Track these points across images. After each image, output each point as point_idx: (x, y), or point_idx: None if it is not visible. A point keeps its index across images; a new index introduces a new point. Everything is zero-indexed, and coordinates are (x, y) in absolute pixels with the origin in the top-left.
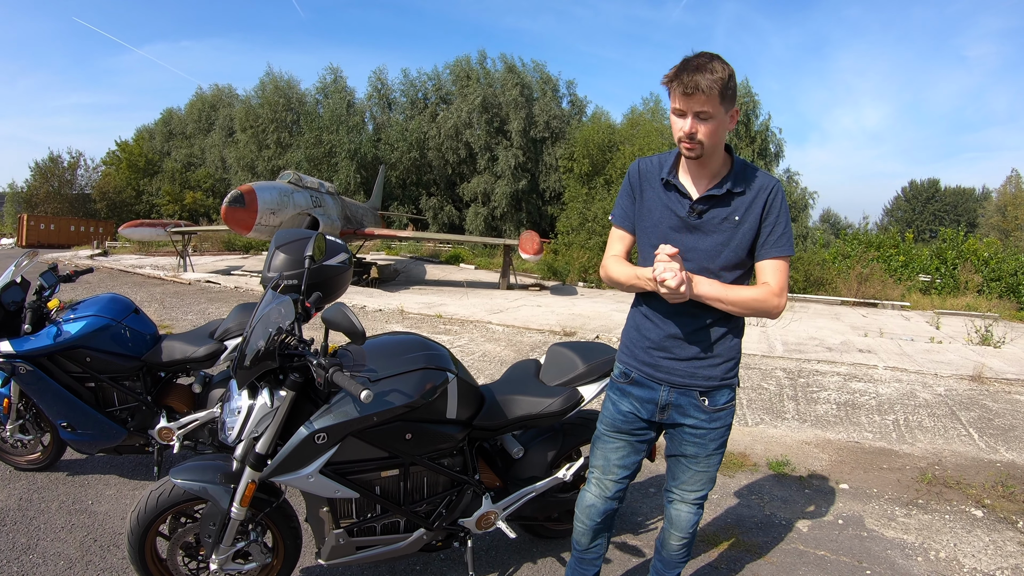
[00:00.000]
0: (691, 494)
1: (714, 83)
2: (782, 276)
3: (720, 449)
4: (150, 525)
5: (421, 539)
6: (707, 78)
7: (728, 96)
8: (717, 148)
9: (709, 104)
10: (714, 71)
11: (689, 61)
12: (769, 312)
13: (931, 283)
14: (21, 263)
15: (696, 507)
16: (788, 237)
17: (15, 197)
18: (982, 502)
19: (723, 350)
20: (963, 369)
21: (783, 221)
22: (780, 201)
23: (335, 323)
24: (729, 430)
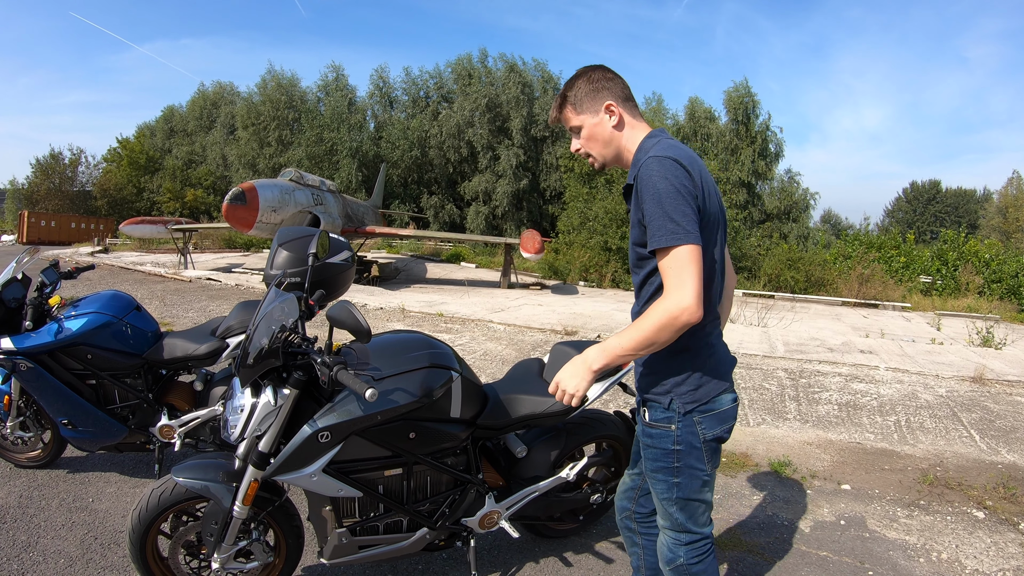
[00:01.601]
0: (659, 518)
1: (557, 104)
2: (668, 272)
3: (658, 473)
4: (151, 523)
5: (424, 538)
6: (554, 105)
7: (576, 102)
8: (611, 148)
9: (571, 119)
10: (562, 90)
11: None
12: (677, 320)
13: (932, 284)
14: (22, 260)
15: (666, 536)
16: (662, 221)
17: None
18: (984, 504)
19: (653, 361)
20: (964, 370)
21: (648, 205)
22: (642, 179)
23: (340, 321)
24: (672, 459)
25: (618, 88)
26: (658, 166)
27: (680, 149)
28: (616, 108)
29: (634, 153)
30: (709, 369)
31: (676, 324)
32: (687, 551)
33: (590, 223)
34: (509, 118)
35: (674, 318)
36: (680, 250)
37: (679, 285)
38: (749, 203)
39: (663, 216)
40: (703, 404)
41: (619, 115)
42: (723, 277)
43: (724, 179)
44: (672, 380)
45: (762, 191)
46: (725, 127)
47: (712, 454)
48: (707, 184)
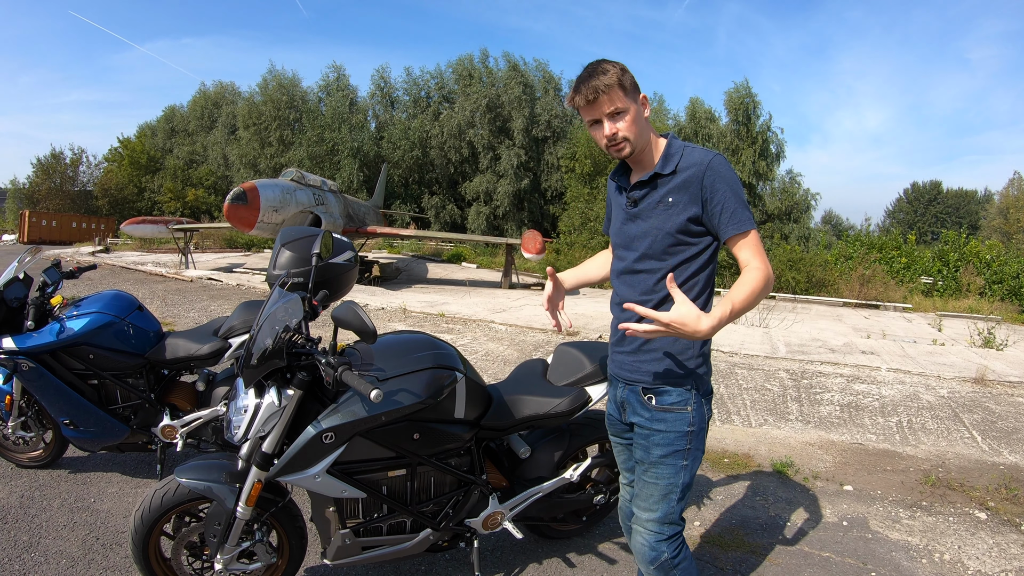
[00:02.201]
0: (643, 513)
1: (611, 80)
2: (755, 250)
3: (668, 459)
4: (154, 524)
5: (427, 539)
6: (602, 79)
7: (629, 86)
8: (644, 138)
9: (616, 101)
10: (606, 71)
11: (581, 75)
12: (769, 286)
13: (933, 285)
14: (24, 259)
15: (649, 533)
16: (740, 212)
17: (17, 193)
18: (986, 504)
19: (666, 343)
20: (966, 371)
21: (730, 197)
22: (718, 176)
23: (345, 322)
24: (685, 441)
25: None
26: (727, 163)
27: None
28: (647, 101)
29: (667, 147)
30: (711, 355)
31: (769, 287)
32: (669, 545)
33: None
34: (510, 118)
35: (770, 284)
36: (756, 233)
37: (765, 259)
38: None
39: (743, 205)
40: (708, 387)
41: (646, 106)
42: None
43: None
44: (693, 363)
45: (763, 192)
46: (726, 128)
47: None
48: None
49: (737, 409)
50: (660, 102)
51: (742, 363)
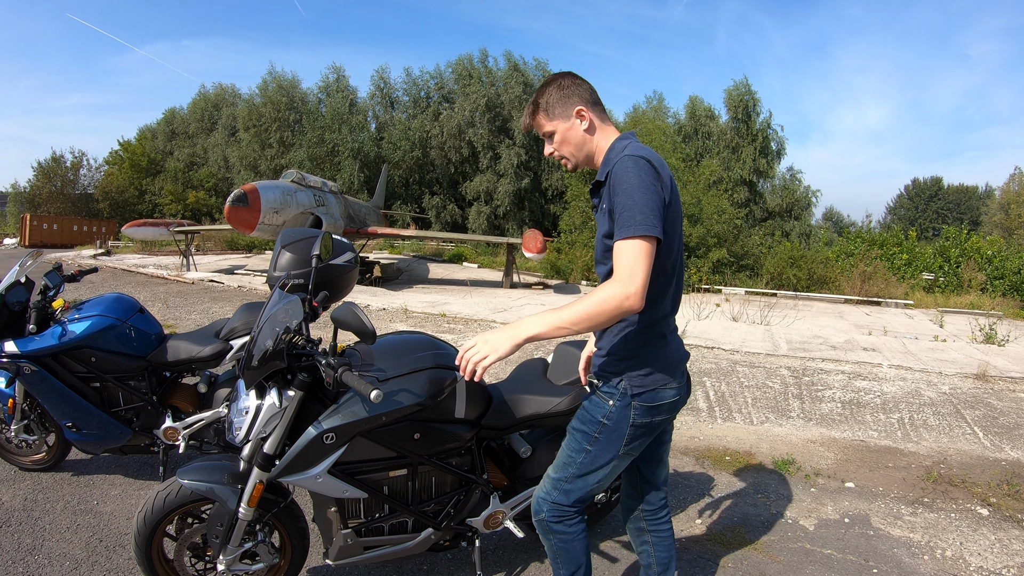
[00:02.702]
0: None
1: (530, 111)
2: (625, 259)
3: (577, 433)
4: (157, 526)
5: (429, 539)
6: (527, 112)
7: (549, 108)
8: (585, 150)
9: (545, 125)
10: (535, 99)
11: None
12: (619, 307)
13: (934, 281)
14: (26, 263)
15: (542, 488)
16: (628, 215)
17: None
18: (988, 500)
19: (613, 345)
20: (967, 367)
21: (620, 198)
22: (616, 175)
23: (345, 323)
24: (595, 428)
25: (587, 93)
26: (632, 164)
27: (651, 151)
28: (586, 113)
29: (606, 153)
30: (659, 361)
31: (619, 309)
32: (550, 510)
33: (592, 222)
34: (510, 118)
35: (619, 302)
36: (640, 241)
37: (631, 273)
38: (751, 201)
39: (632, 208)
40: (647, 392)
41: (589, 119)
42: (682, 273)
43: (726, 178)
44: (626, 363)
45: (763, 189)
46: (726, 125)
47: (636, 439)
48: (673, 185)
49: (739, 407)
50: (660, 100)
51: (743, 361)
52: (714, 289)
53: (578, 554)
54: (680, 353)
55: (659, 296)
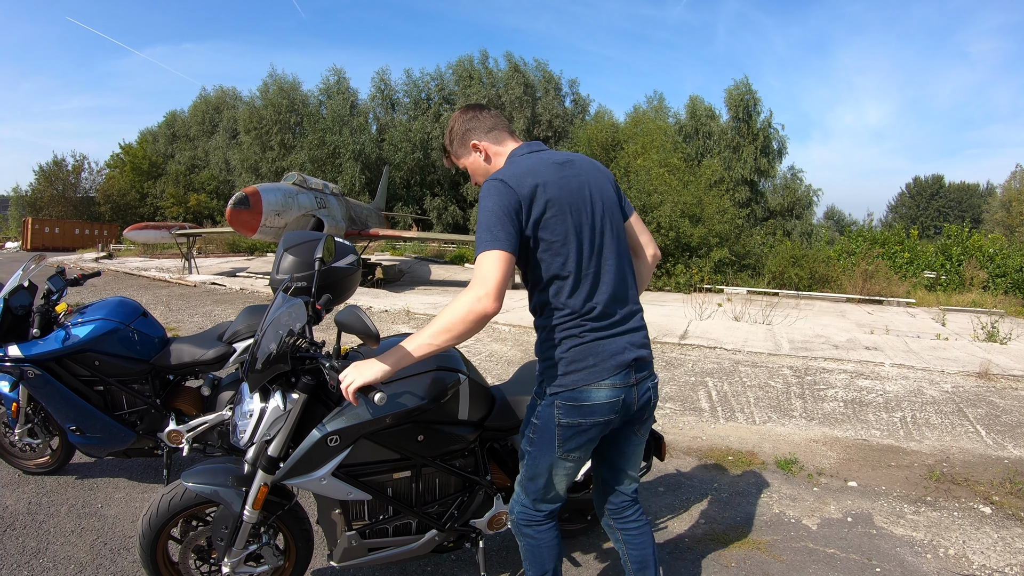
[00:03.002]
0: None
1: (444, 153)
2: (475, 271)
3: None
4: (162, 529)
5: (433, 540)
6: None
7: (453, 150)
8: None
9: (455, 164)
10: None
11: None
12: (472, 309)
13: (936, 280)
14: (29, 267)
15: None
16: (479, 233)
17: (19, 201)
18: (990, 499)
19: (538, 347)
20: (969, 366)
21: (480, 214)
22: (480, 197)
23: (348, 326)
24: (530, 428)
25: (482, 124)
26: (485, 189)
27: (516, 167)
28: (480, 144)
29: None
30: (578, 360)
31: (472, 315)
32: (519, 512)
33: None
34: (512, 119)
35: (470, 309)
36: (489, 254)
37: (481, 282)
38: (752, 201)
39: (480, 228)
40: (566, 391)
41: (483, 150)
42: (604, 268)
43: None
44: (544, 364)
45: (765, 188)
46: (727, 125)
47: (569, 439)
48: (549, 193)
49: (741, 406)
50: (660, 100)
51: (745, 360)
52: (716, 289)
53: (544, 560)
54: (613, 350)
55: (560, 296)
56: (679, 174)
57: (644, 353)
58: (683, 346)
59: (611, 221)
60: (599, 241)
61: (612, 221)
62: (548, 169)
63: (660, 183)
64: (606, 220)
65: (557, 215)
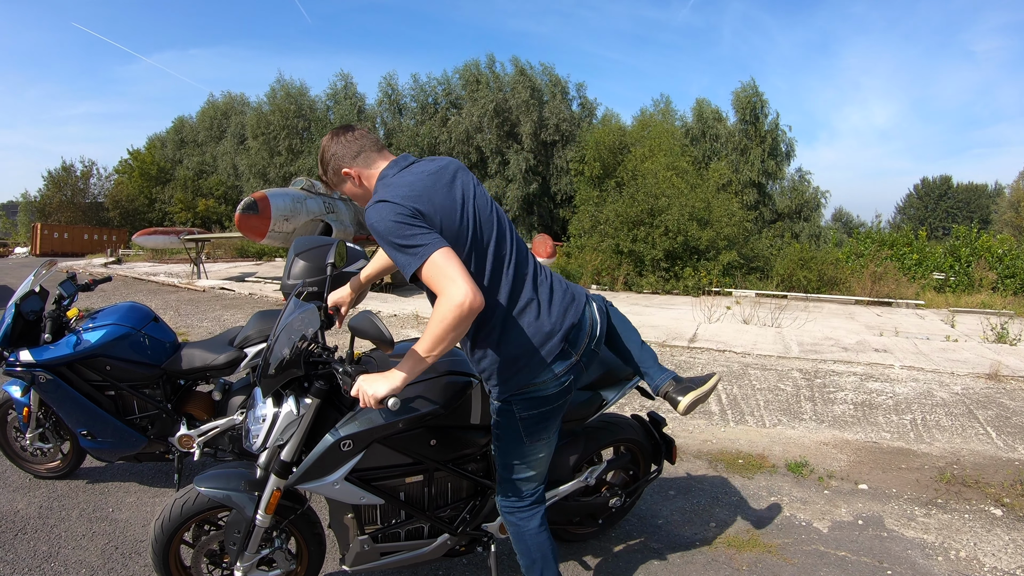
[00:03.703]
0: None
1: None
2: (433, 283)
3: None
4: (174, 533)
5: (445, 544)
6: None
7: (330, 180)
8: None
9: (337, 191)
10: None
11: None
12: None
13: (945, 281)
14: (40, 273)
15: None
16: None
17: (28, 206)
18: (1001, 501)
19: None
20: (979, 367)
21: (386, 246)
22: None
23: (363, 331)
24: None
25: (348, 150)
26: (372, 215)
27: (394, 188)
28: (351, 170)
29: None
30: (521, 357)
31: (462, 314)
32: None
33: (601, 226)
34: (518, 123)
35: (459, 309)
36: (431, 259)
37: (449, 283)
38: (760, 203)
39: (396, 249)
40: (518, 392)
41: (355, 175)
42: (506, 262)
43: (735, 180)
44: (487, 372)
45: (772, 191)
46: (734, 127)
47: (534, 428)
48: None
49: (751, 409)
50: (667, 103)
51: (755, 363)
52: (724, 292)
53: (529, 549)
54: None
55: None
56: (687, 177)
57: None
58: (692, 349)
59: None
60: (491, 234)
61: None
62: (422, 180)
63: (667, 186)
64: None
65: (463, 219)
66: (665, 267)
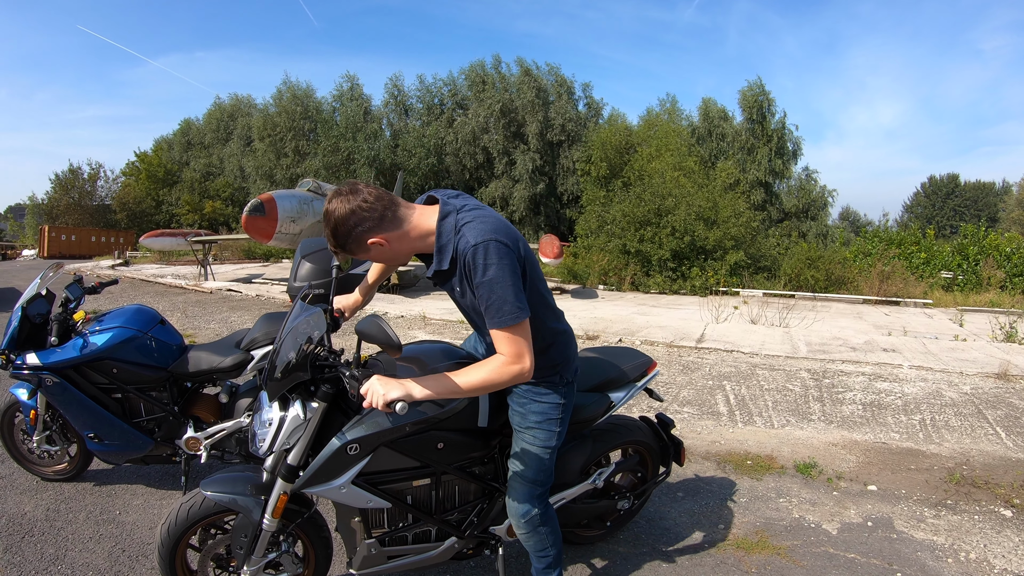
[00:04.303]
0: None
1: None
2: (510, 345)
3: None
4: (181, 537)
5: (452, 547)
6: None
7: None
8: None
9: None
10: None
11: None
12: (513, 380)
13: (953, 280)
14: (47, 275)
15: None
16: (499, 305)
17: (36, 209)
18: (1011, 502)
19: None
20: (988, 367)
21: (485, 289)
22: (475, 268)
23: (370, 335)
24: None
25: (368, 219)
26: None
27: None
28: (378, 238)
29: (434, 237)
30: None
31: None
32: (540, 502)
33: (608, 226)
34: (524, 123)
35: (520, 378)
36: (522, 324)
37: (523, 353)
38: (767, 202)
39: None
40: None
41: (383, 241)
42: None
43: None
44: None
45: (779, 190)
46: (740, 126)
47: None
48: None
49: (759, 410)
50: (673, 103)
51: (763, 364)
52: (732, 292)
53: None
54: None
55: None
56: (693, 177)
57: None
58: (700, 350)
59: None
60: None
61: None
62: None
63: (674, 186)
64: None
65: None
66: (672, 267)
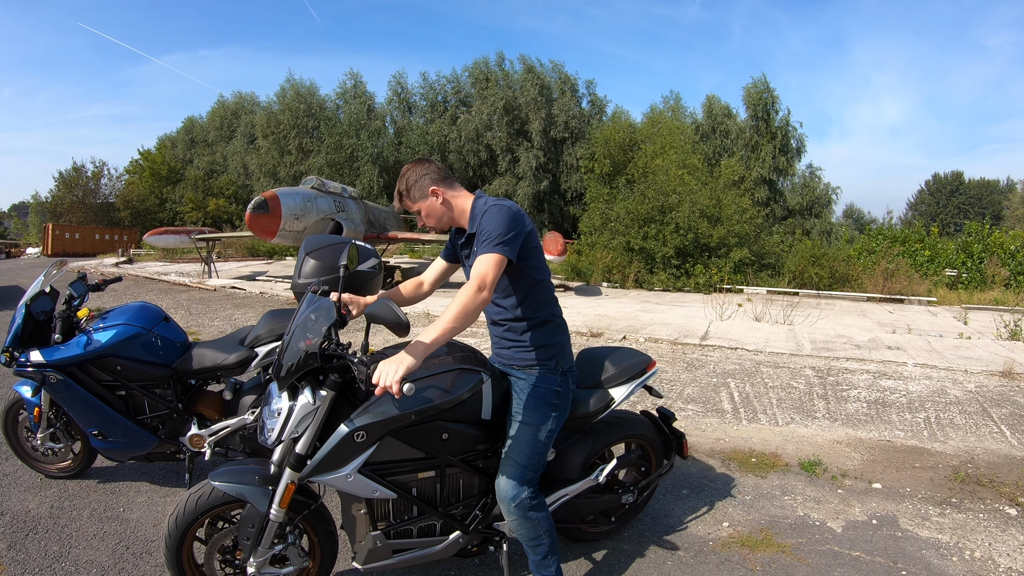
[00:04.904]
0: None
1: (397, 198)
2: (480, 267)
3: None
4: (188, 528)
5: (457, 542)
6: (395, 198)
7: (411, 193)
8: (444, 220)
9: (409, 208)
10: (398, 191)
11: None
12: (476, 304)
13: (958, 278)
14: (51, 273)
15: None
16: (489, 234)
17: (40, 207)
18: (1016, 500)
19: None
20: (993, 365)
21: (485, 224)
22: (483, 213)
23: (379, 316)
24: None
25: (436, 174)
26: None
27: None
28: (439, 191)
29: (469, 212)
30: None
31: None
32: (530, 488)
33: (612, 223)
34: (528, 120)
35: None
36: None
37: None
38: (771, 200)
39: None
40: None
41: (441, 195)
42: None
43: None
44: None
45: (783, 187)
46: (744, 124)
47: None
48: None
49: (763, 408)
50: (677, 100)
51: (767, 361)
52: (736, 289)
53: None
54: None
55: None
56: (697, 174)
57: None
58: (704, 347)
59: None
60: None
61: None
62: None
63: (678, 183)
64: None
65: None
66: (676, 264)
